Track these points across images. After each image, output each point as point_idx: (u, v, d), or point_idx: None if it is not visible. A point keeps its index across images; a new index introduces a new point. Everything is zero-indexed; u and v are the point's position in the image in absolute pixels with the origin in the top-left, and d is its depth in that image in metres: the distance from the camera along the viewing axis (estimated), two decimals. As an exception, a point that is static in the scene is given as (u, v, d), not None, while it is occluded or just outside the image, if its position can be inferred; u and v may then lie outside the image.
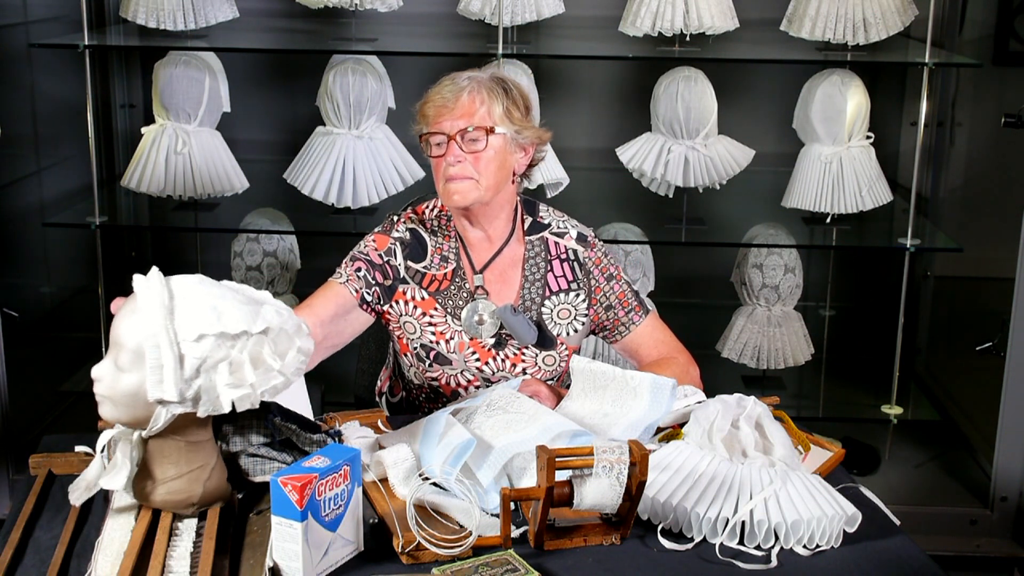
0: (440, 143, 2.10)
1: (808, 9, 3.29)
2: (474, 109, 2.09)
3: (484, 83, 2.12)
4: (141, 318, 1.52)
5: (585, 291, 2.22)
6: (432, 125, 2.11)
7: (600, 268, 2.23)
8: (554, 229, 2.25)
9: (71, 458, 1.83)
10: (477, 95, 2.09)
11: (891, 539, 1.67)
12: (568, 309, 2.22)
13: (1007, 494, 3.02)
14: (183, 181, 3.35)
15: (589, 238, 2.26)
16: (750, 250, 3.49)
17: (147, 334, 1.50)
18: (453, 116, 2.09)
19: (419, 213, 2.24)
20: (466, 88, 2.10)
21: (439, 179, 2.12)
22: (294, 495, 1.44)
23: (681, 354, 2.24)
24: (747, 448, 1.74)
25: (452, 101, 2.09)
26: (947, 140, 3.87)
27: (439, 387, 2.22)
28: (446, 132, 2.09)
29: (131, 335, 1.52)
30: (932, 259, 3.83)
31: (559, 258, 2.23)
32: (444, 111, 2.09)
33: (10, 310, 3.05)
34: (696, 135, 3.32)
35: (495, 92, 2.11)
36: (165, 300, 1.53)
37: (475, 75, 2.14)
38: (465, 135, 2.08)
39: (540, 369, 2.21)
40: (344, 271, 2.18)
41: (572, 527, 1.64)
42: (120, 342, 1.53)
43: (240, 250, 3.54)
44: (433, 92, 2.13)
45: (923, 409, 3.66)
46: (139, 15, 3.32)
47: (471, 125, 2.08)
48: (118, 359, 1.53)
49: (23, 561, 1.56)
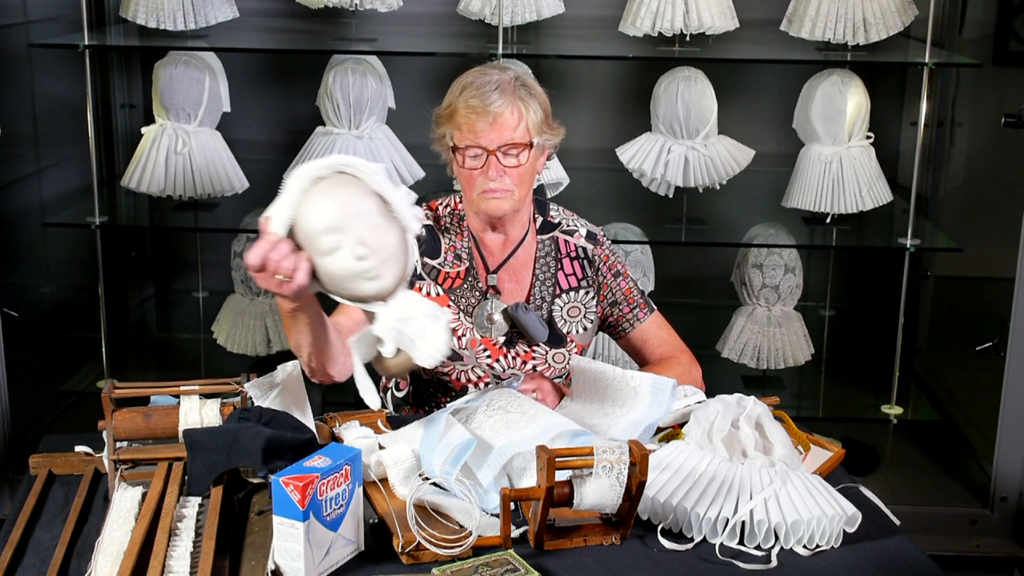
0: (477, 155, 2.07)
1: (808, 9, 3.29)
2: (514, 123, 2.06)
3: (517, 91, 2.08)
4: (355, 185, 1.67)
5: (594, 288, 2.24)
6: (468, 137, 2.06)
7: (608, 265, 2.25)
8: (564, 227, 2.26)
9: (71, 458, 1.83)
10: (515, 107, 2.06)
11: (891, 539, 1.67)
12: (578, 307, 2.23)
13: (1007, 494, 3.02)
14: (183, 181, 3.35)
15: (598, 236, 2.27)
16: (750, 250, 3.49)
17: (375, 179, 1.67)
18: (493, 130, 2.05)
19: (433, 210, 2.24)
20: (505, 100, 2.05)
21: (472, 189, 2.09)
22: (296, 495, 1.44)
23: (684, 354, 2.26)
24: (747, 448, 1.74)
25: (492, 115, 2.04)
26: (947, 140, 3.87)
27: (449, 382, 2.23)
28: (486, 147, 2.06)
29: (357, 196, 1.66)
30: (932, 259, 3.83)
31: (569, 256, 2.24)
32: (482, 124, 2.05)
33: (10, 310, 3.05)
34: (696, 135, 3.32)
35: (527, 101, 2.08)
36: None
37: (501, 78, 2.09)
38: (506, 151, 2.06)
39: (550, 367, 2.22)
40: None
41: (572, 527, 1.64)
42: (359, 206, 1.66)
43: (240, 250, 3.54)
44: (465, 99, 2.07)
45: (923, 409, 3.66)
46: (139, 15, 3.32)
47: (512, 140, 2.06)
48: (372, 219, 1.66)
49: (23, 561, 1.56)
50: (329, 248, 1.66)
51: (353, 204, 1.67)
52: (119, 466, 1.72)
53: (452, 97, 2.10)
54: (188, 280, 4.12)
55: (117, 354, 3.77)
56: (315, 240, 1.66)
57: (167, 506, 1.61)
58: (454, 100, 2.09)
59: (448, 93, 2.13)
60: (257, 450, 1.63)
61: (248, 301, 3.58)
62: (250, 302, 3.57)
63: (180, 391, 1.79)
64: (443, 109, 2.12)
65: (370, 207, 1.68)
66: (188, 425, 1.74)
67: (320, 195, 1.66)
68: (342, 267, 1.67)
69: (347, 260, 1.66)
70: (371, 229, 1.67)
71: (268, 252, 1.65)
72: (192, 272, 4.09)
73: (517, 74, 2.12)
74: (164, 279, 4.19)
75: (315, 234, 1.66)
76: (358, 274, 1.68)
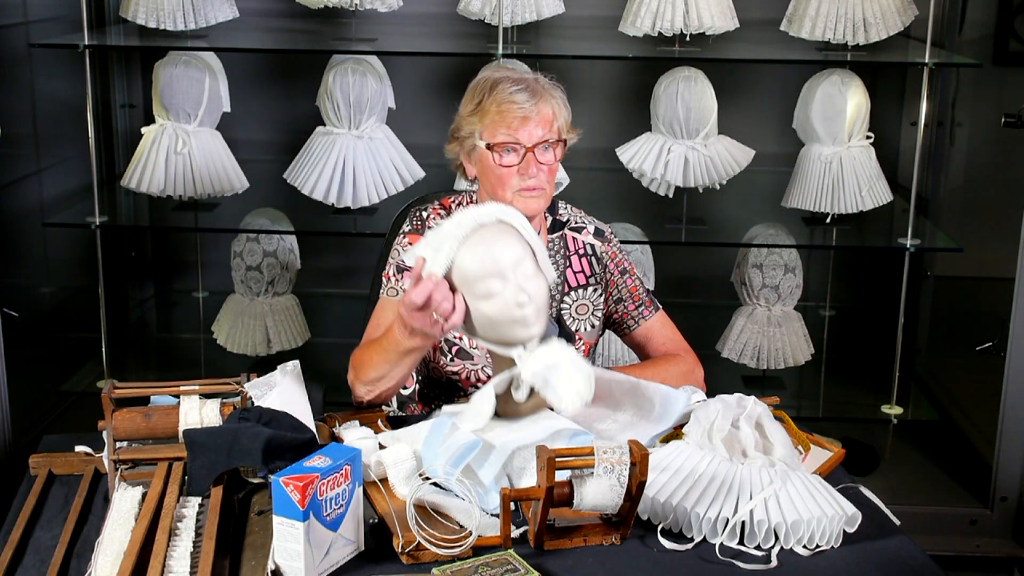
0: (514, 152, 2.05)
1: (808, 9, 3.29)
2: (550, 119, 2.06)
3: (548, 88, 2.08)
4: (514, 235, 1.78)
5: (601, 286, 2.25)
6: (503, 133, 2.04)
7: (615, 262, 2.26)
8: (572, 225, 2.26)
9: (71, 458, 1.83)
10: (550, 104, 2.06)
11: (891, 539, 1.67)
12: (586, 304, 2.24)
13: (1007, 494, 3.02)
14: (183, 181, 3.35)
15: (606, 233, 2.28)
16: (750, 250, 3.49)
17: (528, 231, 1.80)
18: (532, 125, 2.04)
19: (446, 207, 2.21)
20: (539, 97, 2.05)
21: (507, 188, 2.07)
22: (296, 495, 1.44)
23: (688, 354, 2.25)
24: (747, 448, 1.74)
25: (529, 111, 2.04)
26: (947, 140, 3.87)
27: (459, 381, 2.23)
28: (524, 143, 2.04)
29: (517, 245, 1.77)
30: (932, 259, 3.83)
31: (578, 254, 2.24)
32: (521, 120, 2.03)
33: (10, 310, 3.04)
34: (696, 135, 3.32)
35: (559, 99, 2.09)
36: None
37: (527, 76, 2.08)
38: (544, 147, 2.05)
39: None
40: (397, 286, 2.14)
41: (572, 527, 1.64)
42: (519, 254, 1.76)
43: (240, 250, 3.54)
44: (498, 97, 2.05)
45: (923, 409, 3.66)
46: (139, 15, 3.32)
47: (549, 137, 2.05)
48: (529, 268, 1.76)
49: (23, 561, 1.56)
50: (489, 293, 1.75)
51: (515, 252, 1.77)
52: (119, 466, 1.72)
53: (480, 96, 2.08)
54: (188, 280, 4.12)
55: (117, 354, 3.77)
56: (475, 284, 1.75)
57: (167, 506, 1.61)
58: (484, 98, 2.07)
59: (470, 94, 2.11)
60: (257, 450, 1.63)
61: (248, 301, 3.58)
62: (250, 302, 3.57)
63: (180, 391, 1.79)
64: (468, 108, 2.09)
65: (527, 256, 1.78)
66: (188, 425, 1.74)
67: (484, 241, 1.75)
68: (500, 312, 1.75)
69: (507, 306, 1.75)
70: (528, 278, 1.76)
71: (433, 292, 1.72)
72: (192, 272, 4.09)
73: (535, 75, 2.12)
74: (164, 279, 4.19)
75: (477, 278, 1.74)
76: (516, 320, 1.76)
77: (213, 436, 1.67)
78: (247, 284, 3.55)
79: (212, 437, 1.67)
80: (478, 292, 1.76)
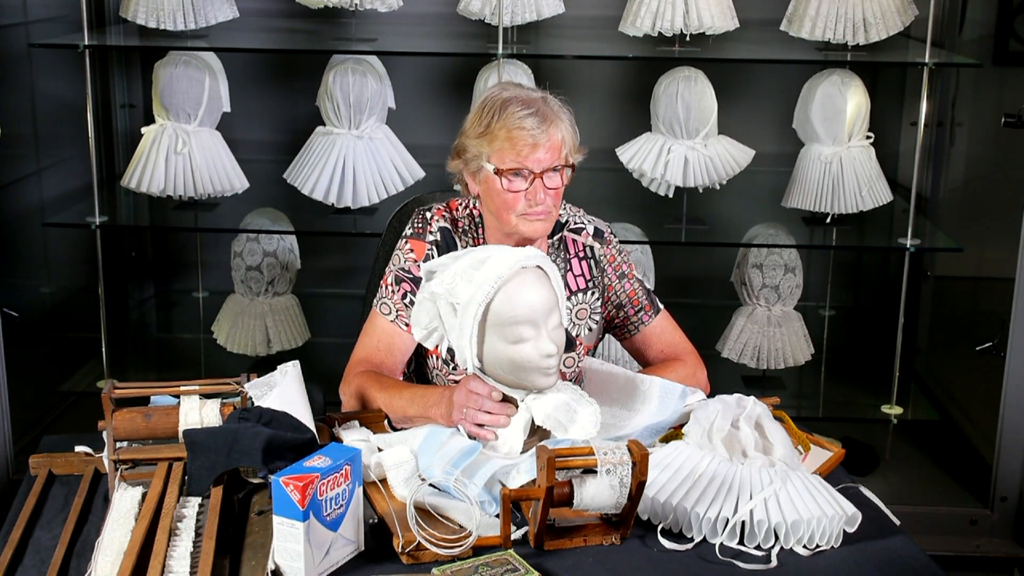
0: (522, 178, 2.02)
1: (808, 9, 3.29)
2: (560, 144, 2.04)
3: (557, 113, 2.05)
4: (547, 283, 1.80)
5: (599, 290, 2.22)
6: (512, 159, 2.02)
7: (614, 266, 2.22)
8: (571, 226, 2.23)
9: (71, 458, 1.83)
10: (559, 129, 2.04)
11: (891, 539, 1.67)
12: (585, 308, 2.22)
13: (1007, 494, 3.02)
14: (183, 181, 3.35)
15: (606, 234, 2.24)
16: (750, 250, 3.49)
17: (558, 280, 1.82)
18: (541, 152, 2.02)
19: (452, 209, 2.19)
20: (549, 123, 2.02)
21: (511, 212, 2.04)
22: (296, 495, 1.44)
23: (690, 356, 2.23)
24: (747, 448, 1.74)
25: (539, 138, 2.01)
26: (947, 140, 3.87)
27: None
28: (533, 170, 2.02)
29: (551, 294, 1.78)
30: (932, 259, 3.83)
31: (577, 256, 2.21)
32: (531, 147, 2.01)
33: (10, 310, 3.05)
34: (696, 135, 3.32)
35: (566, 122, 2.06)
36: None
37: (536, 97, 2.05)
38: (550, 173, 2.03)
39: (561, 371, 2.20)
40: (391, 301, 2.13)
41: (572, 527, 1.64)
42: (552, 304, 1.78)
43: (240, 250, 3.54)
44: (507, 123, 2.02)
45: (923, 409, 3.66)
46: (139, 15, 3.32)
47: (557, 163, 2.03)
48: (558, 319, 1.78)
49: (23, 561, 1.56)
50: (520, 338, 1.75)
51: (550, 302, 1.78)
52: (119, 466, 1.72)
53: (489, 118, 2.04)
54: (188, 280, 4.12)
55: (117, 354, 3.77)
56: (508, 327, 1.75)
57: (167, 506, 1.61)
58: (493, 121, 2.03)
59: (477, 114, 2.07)
60: (257, 450, 1.63)
61: (248, 301, 3.58)
62: (250, 302, 3.57)
63: (180, 391, 1.79)
64: (476, 130, 2.06)
65: (557, 307, 1.79)
66: (188, 425, 1.73)
67: (524, 286, 1.76)
68: (527, 359, 1.76)
69: (535, 354, 1.76)
70: (555, 328, 1.78)
71: (500, 418, 1.80)
72: (192, 272, 4.09)
73: (544, 94, 2.09)
74: (164, 279, 4.19)
75: (512, 322, 1.75)
76: (540, 369, 1.77)
77: (213, 436, 1.67)
78: (247, 284, 3.55)
79: (212, 437, 1.67)
80: (508, 336, 1.75)
